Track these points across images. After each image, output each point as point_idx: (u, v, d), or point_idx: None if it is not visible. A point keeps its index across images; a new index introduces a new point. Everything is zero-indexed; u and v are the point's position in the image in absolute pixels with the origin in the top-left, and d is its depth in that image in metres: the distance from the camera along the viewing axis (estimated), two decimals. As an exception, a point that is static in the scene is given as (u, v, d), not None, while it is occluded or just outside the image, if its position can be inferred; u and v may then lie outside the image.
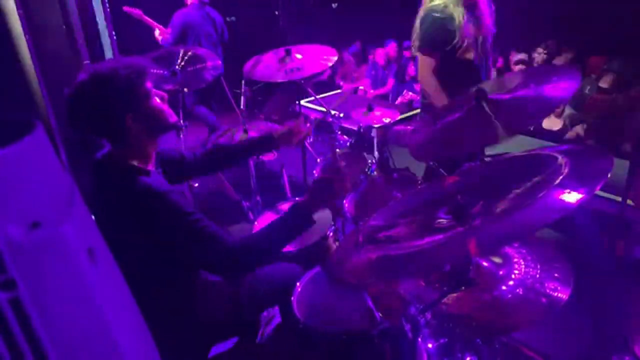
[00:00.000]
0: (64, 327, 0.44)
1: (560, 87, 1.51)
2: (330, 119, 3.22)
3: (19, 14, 2.52)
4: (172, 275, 1.56)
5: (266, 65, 2.78)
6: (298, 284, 1.79)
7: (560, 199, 1.02)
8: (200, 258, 1.48)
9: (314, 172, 2.81)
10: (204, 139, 4.90)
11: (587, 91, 4.44)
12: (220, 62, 3.10)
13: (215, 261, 1.48)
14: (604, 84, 4.13)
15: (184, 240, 1.43)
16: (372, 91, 6.23)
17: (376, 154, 2.90)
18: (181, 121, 3.03)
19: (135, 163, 1.49)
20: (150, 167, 1.55)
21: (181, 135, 3.21)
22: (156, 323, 0.90)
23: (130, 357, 0.50)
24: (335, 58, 2.77)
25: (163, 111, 1.52)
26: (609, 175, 1.03)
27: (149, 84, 1.47)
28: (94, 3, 2.91)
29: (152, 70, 1.52)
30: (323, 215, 2.34)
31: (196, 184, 3.88)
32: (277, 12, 3.89)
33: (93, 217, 1.52)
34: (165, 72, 3.00)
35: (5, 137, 0.44)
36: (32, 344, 0.41)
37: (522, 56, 5.15)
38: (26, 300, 0.41)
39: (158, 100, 1.51)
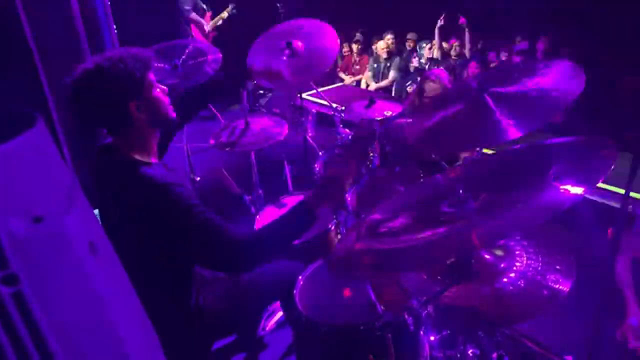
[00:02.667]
0: (66, 320, 0.44)
1: (563, 87, 1.46)
2: (332, 112, 3.21)
3: (20, 6, 2.51)
4: (173, 268, 1.56)
5: (270, 59, 2.75)
6: (300, 277, 1.79)
7: (563, 192, 1.02)
8: (202, 252, 1.44)
9: (315, 165, 2.80)
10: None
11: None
12: (220, 55, 3.09)
13: (218, 255, 1.45)
14: None
15: (186, 233, 1.40)
16: (373, 84, 6.21)
17: (378, 147, 2.89)
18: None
19: (137, 156, 1.48)
20: (153, 159, 1.54)
21: (184, 130, 3.20)
22: (158, 316, 0.91)
23: (132, 349, 0.50)
24: (338, 46, 2.74)
25: (164, 103, 1.53)
26: (612, 168, 1.03)
27: (152, 75, 1.49)
28: (94, -5, 2.90)
29: (154, 62, 1.52)
30: (325, 209, 2.34)
31: (198, 178, 3.88)
32: (279, 5, 3.86)
33: (96, 208, 1.53)
34: (167, 66, 2.99)
35: (7, 131, 0.44)
36: (35, 337, 0.41)
37: (523, 45, 5.10)
38: (28, 294, 0.41)
39: (159, 92, 1.52)
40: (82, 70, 1.40)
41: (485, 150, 2.89)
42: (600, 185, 2.83)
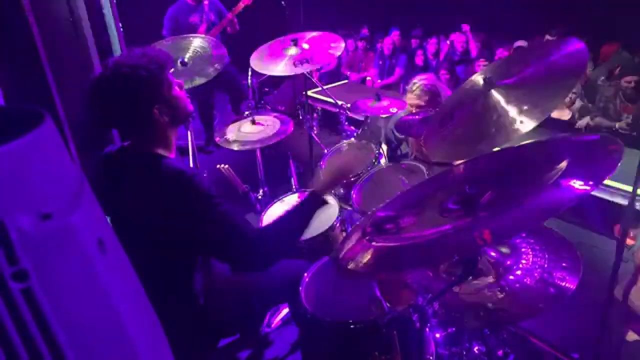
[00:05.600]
0: (75, 316, 0.45)
1: (568, 61, 1.44)
2: (337, 110, 3.22)
3: (27, 7, 2.52)
4: (185, 265, 1.57)
5: (273, 57, 2.77)
6: (306, 274, 1.79)
7: (570, 189, 1.01)
8: (219, 245, 1.47)
9: (320, 163, 2.81)
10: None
11: (599, 82, 4.34)
12: (226, 51, 3.09)
13: (234, 249, 1.47)
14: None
15: (208, 224, 1.42)
16: (379, 81, 6.19)
17: (383, 144, 2.89)
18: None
19: (160, 151, 1.51)
20: (171, 155, 1.56)
21: (190, 126, 3.21)
22: (166, 313, 0.91)
23: (140, 346, 0.51)
24: (343, 46, 2.75)
25: (183, 99, 1.54)
26: (619, 165, 1.02)
27: (170, 74, 1.49)
28: (100, -6, 2.91)
29: (171, 60, 1.52)
30: (330, 207, 2.35)
31: (204, 174, 3.89)
32: (283, 2, 3.85)
33: (106, 207, 1.53)
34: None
35: (15, 129, 0.44)
36: (44, 332, 0.42)
37: (521, 43, 5.05)
38: (38, 290, 0.42)
39: (177, 88, 1.53)
40: (103, 78, 1.40)
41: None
42: (608, 182, 2.81)
